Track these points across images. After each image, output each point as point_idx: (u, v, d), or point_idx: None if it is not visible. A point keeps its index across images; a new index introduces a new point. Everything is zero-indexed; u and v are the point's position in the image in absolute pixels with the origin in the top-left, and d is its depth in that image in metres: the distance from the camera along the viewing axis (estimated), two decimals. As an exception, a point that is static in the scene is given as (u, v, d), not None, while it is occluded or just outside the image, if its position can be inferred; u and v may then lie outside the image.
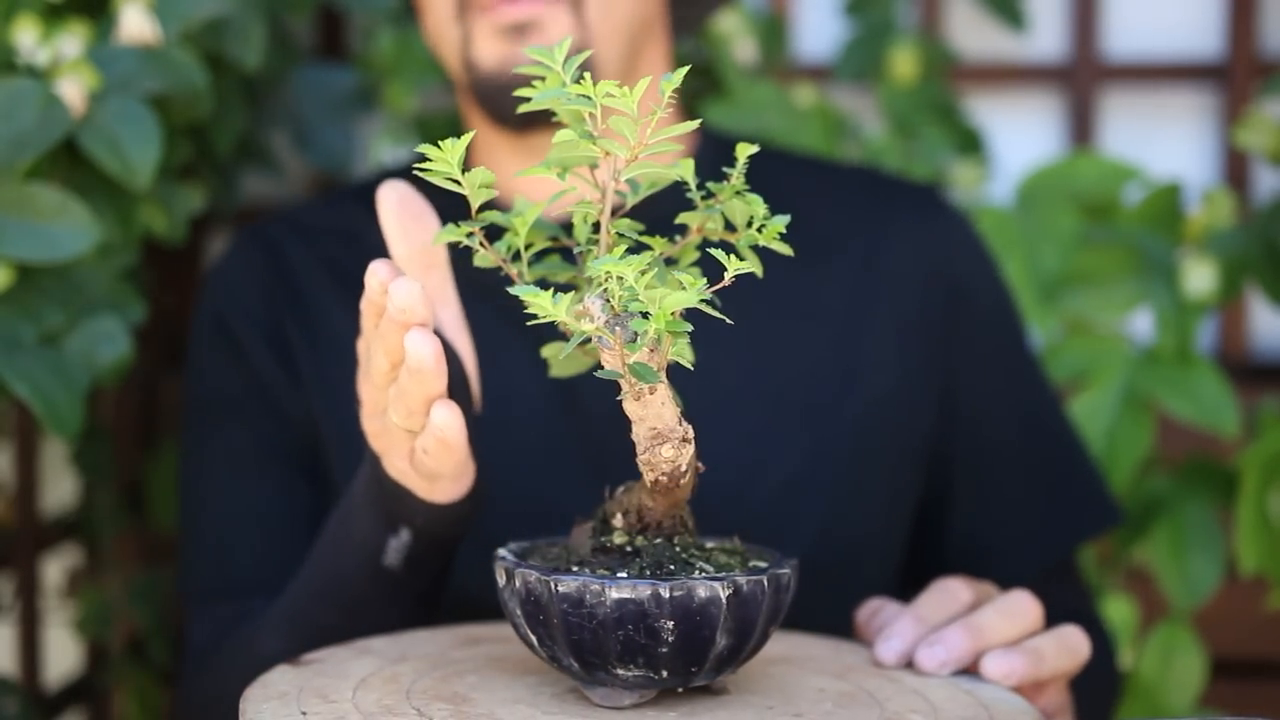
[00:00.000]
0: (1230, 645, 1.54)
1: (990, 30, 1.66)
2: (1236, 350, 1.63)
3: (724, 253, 0.74)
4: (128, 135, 1.03)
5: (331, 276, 1.17)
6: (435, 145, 0.77)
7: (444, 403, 0.89)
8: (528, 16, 1.08)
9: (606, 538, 0.81)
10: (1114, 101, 1.67)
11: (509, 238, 0.82)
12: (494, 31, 1.09)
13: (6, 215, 0.99)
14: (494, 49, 1.10)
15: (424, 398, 0.91)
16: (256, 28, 1.18)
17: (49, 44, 1.06)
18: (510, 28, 1.09)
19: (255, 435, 1.16)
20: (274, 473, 1.16)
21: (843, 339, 1.14)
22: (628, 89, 0.74)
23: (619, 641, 0.75)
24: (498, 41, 1.09)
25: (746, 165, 0.78)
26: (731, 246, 0.80)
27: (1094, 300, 1.42)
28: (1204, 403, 1.39)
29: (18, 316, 1.01)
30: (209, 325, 1.19)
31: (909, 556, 1.17)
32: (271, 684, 0.82)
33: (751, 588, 0.77)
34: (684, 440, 0.77)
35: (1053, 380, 1.23)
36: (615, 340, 0.73)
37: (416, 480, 0.95)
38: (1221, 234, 1.43)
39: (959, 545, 1.17)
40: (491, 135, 1.15)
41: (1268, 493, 1.38)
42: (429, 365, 0.88)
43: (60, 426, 0.99)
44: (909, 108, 1.58)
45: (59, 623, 1.52)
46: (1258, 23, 1.62)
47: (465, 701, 0.79)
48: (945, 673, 0.86)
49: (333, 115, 1.50)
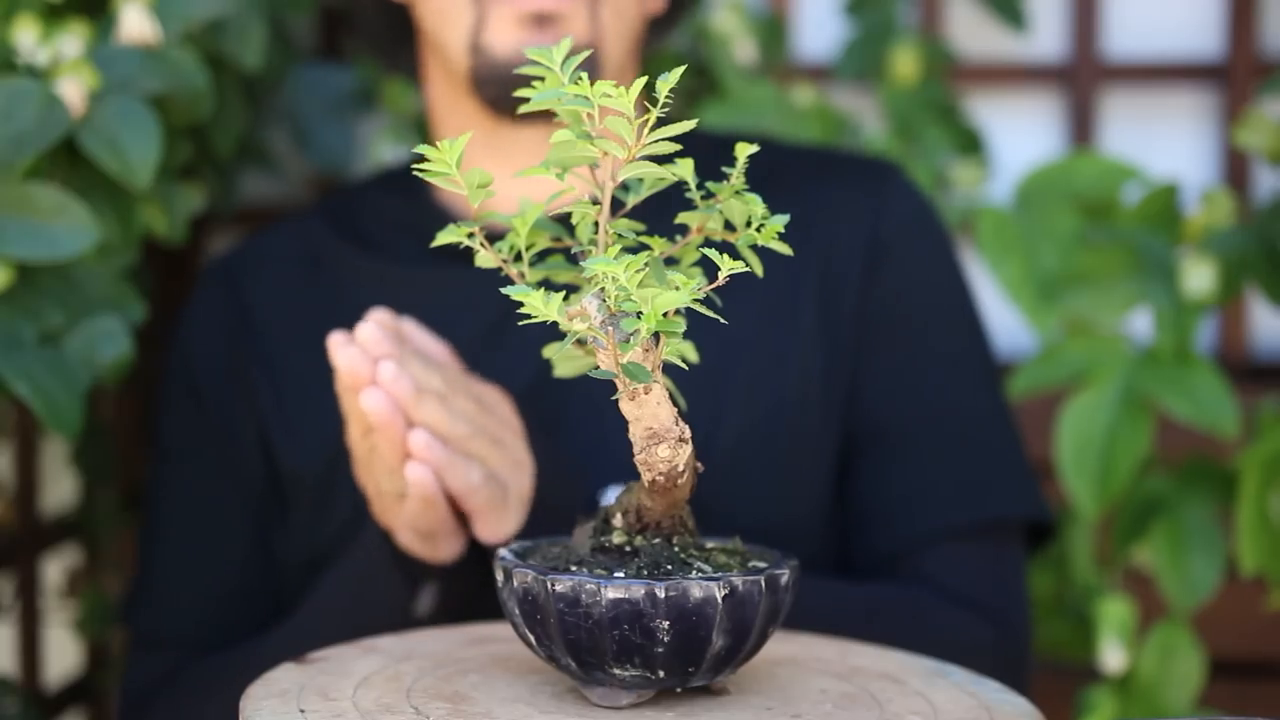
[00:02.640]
0: (1229, 645, 1.54)
1: (990, 30, 1.66)
2: (1236, 350, 1.63)
3: (717, 252, 0.74)
4: (128, 135, 1.03)
5: (292, 310, 1.18)
6: (433, 145, 0.77)
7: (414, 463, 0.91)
8: (550, 8, 1.08)
9: (606, 537, 0.81)
10: (1114, 101, 1.67)
11: (510, 238, 0.83)
12: (514, 19, 1.08)
13: (6, 215, 0.99)
14: (511, 36, 1.09)
15: (396, 454, 0.92)
16: (256, 28, 1.18)
17: (49, 44, 1.06)
18: (532, 17, 1.08)
19: (215, 488, 1.17)
20: (230, 527, 1.17)
21: (776, 316, 1.12)
22: (624, 89, 0.74)
23: (615, 641, 0.75)
24: (516, 29, 1.08)
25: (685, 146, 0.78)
26: (728, 245, 0.80)
27: (1093, 300, 1.42)
28: (1203, 403, 1.39)
29: (18, 316, 1.01)
30: (176, 372, 1.21)
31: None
32: (274, 681, 0.82)
33: (748, 588, 0.77)
34: (681, 440, 0.77)
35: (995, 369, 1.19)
36: (609, 340, 0.73)
37: (420, 545, 0.96)
38: (1221, 234, 1.43)
39: (857, 507, 1.13)
40: (479, 129, 1.14)
41: (1267, 493, 1.38)
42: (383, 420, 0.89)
43: (60, 426, 0.99)
44: (909, 108, 1.58)
45: (59, 623, 1.52)
46: (1258, 23, 1.62)
47: (464, 701, 0.79)
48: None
49: (333, 115, 1.50)
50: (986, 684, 0.85)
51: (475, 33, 1.10)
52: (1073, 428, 1.40)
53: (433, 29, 1.14)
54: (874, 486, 1.13)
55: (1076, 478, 1.39)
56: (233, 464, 1.16)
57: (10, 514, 1.41)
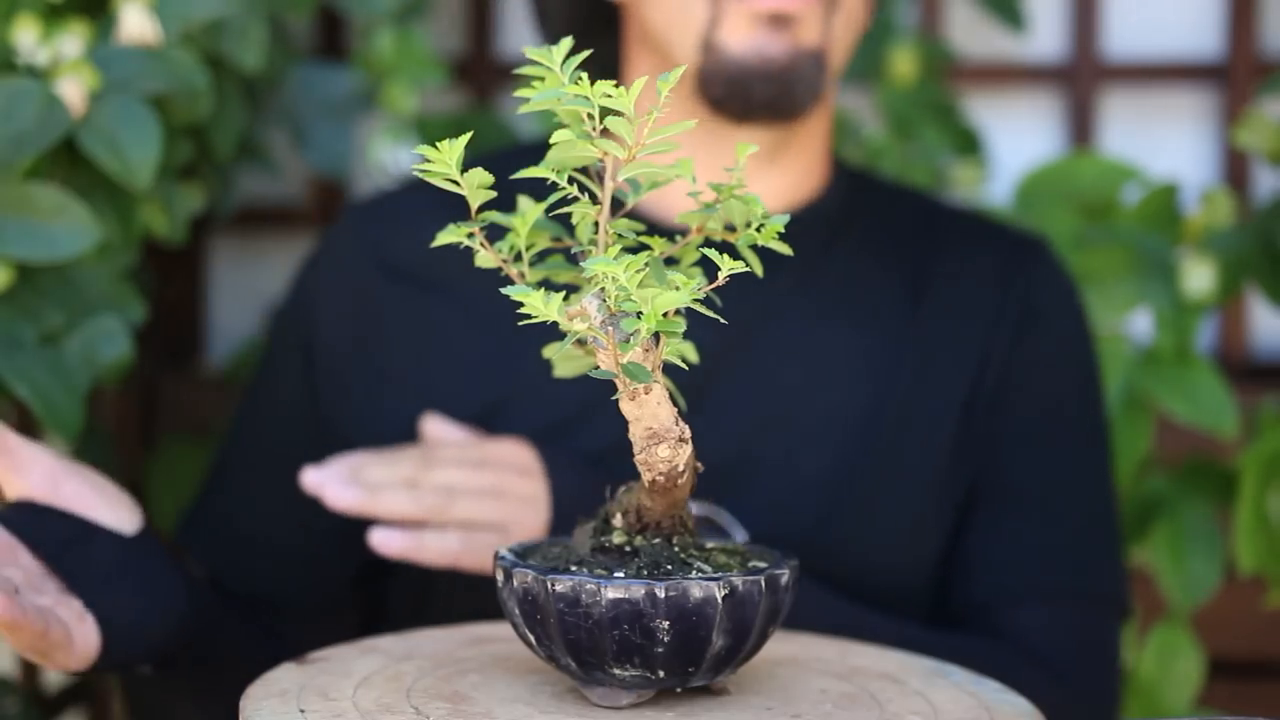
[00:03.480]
0: (1229, 645, 1.54)
1: (990, 30, 1.66)
2: (1236, 350, 1.63)
3: (718, 252, 0.74)
4: (128, 135, 1.03)
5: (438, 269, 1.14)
6: (434, 146, 0.77)
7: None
8: (790, 9, 1.07)
9: (606, 537, 0.81)
10: (1113, 101, 1.67)
11: (510, 238, 0.83)
12: (750, 18, 1.07)
13: (6, 215, 0.99)
14: (747, 35, 1.07)
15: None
16: (256, 28, 1.18)
17: (49, 44, 1.06)
18: (769, 16, 1.07)
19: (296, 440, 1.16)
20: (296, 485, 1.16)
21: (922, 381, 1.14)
22: (624, 89, 0.74)
23: (615, 641, 0.75)
24: (752, 28, 1.07)
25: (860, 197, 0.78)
26: (731, 247, 0.81)
27: (1093, 300, 1.42)
28: (1203, 403, 1.39)
29: (18, 316, 1.01)
30: (292, 320, 1.19)
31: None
32: (274, 681, 0.82)
33: (748, 588, 0.77)
34: (680, 440, 0.77)
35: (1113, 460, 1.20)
36: (609, 340, 0.73)
37: None
38: (1221, 234, 1.43)
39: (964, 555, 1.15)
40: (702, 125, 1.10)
41: (1267, 493, 1.38)
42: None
43: (60, 426, 0.99)
44: (908, 108, 1.58)
45: (59, 622, 1.51)
46: (1258, 23, 1.62)
47: (464, 700, 0.79)
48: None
49: (332, 115, 1.50)
50: (986, 684, 0.85)
51: (709, 31, 1.08)
52: (1072, 428, 1.40)
53: (660, 26, 1.11)
54: (983, 538, 1.15)
55: (1076, 478, 1.39)
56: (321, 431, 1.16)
57: (10, 514, 1.41)
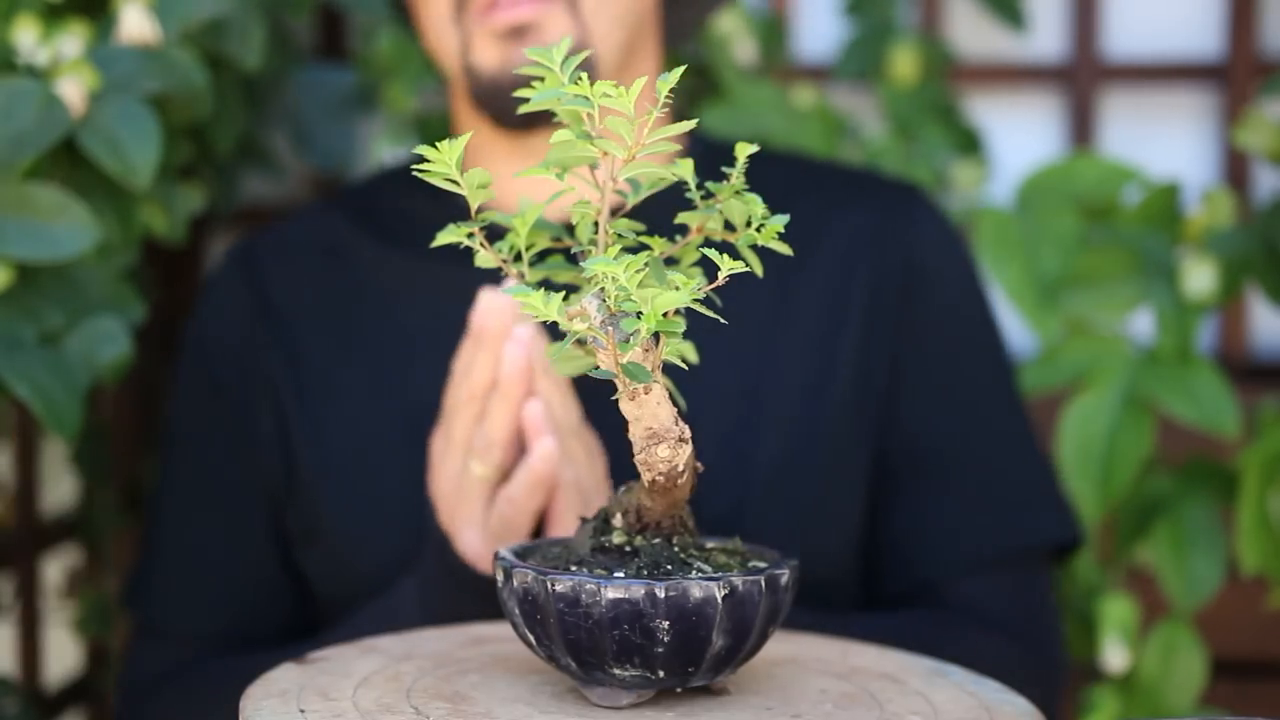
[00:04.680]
0: (1231, 645, 1.54)
1: (990, 30, 1.66)
2: (1236, 350, 1.63)
3: (718, 252, 0.74)
4: (128, 135, 1.03)
5: (314, 301, 1.17)
6: (434, 146, 0.77)
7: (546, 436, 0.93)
8: (525, 18, 1.08)
9: (606, 537, 0.81)
10: (1114, 101, 1.67)
11: (510, 238, 0.83)
12: (492, 35, 1.09)
13: (6, 215, 0.99)
14: (493, 53, 1.09)
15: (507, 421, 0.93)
16: (256, 28, 1.18)
17: (49, 44, 1.06)
18: (508, 30, 1.08)
19: (227, 477, 1.16)
20: (242, 519, 1.16)
21: (816, 341, 1.13)
22: (624, 89, 0.74)
23: (615, 641, 0.75)
24: (496, 45, 1.09)
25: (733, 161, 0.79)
26: (730, 246, 0.80)
27: (1094, 301, 1.42)
28: (1204, 403, 1.39)
29: (18, 316, 1.01)
30: (191, 358, 1.20)
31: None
32: (274, 682, 0.82)
33: (748, 588, 0.77)
34: (680, 440, 0.77)
35: (1023, 397, 1.20)
36: (608, 340, 0.73)
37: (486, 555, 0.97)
38: (1221, 234, 1.43)
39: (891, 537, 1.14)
40: (489, 136, 1.15)
41: (1268, 492, 1.38)
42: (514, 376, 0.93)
43: (60, 426, 0.99)
44: (909, 108, 1.58)
45: (59, 623, 1.52)
46: (1258, 23, 1.62)
47: (464, 700, 0.79)
48: None
49: (333, 115, 1.50)
50: (986, 684, 0.85)
51: (464, 53, 1.11)
52: (1074, 429, 1.40)
53: (430, 50, 1.16)
54: (909, 516, 1.13)
55: (1078, 479, 1.39)
56: (247, 455, 1.15)
57: (10, 514, 1.41)
